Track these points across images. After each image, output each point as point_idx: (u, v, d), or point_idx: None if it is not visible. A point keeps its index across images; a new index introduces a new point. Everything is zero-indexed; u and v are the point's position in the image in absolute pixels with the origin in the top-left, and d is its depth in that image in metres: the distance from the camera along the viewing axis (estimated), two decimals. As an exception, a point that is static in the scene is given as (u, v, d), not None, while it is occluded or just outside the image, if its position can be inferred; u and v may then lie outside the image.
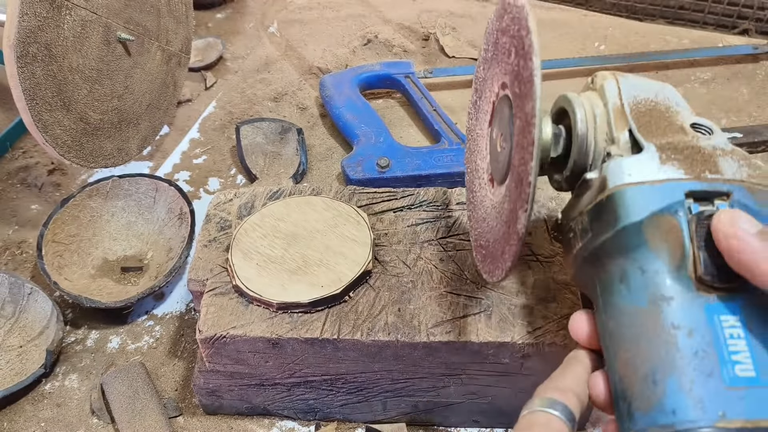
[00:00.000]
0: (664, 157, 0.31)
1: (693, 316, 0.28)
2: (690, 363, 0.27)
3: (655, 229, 0.30)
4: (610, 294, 0.31)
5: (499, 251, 0.35)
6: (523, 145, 0.31)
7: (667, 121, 0.34)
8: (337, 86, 0.78)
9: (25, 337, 0.56)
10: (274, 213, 0.50)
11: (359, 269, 0.45)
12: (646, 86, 0.35)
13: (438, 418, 0.51)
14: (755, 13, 0.93)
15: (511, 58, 0.35)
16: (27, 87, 0.51)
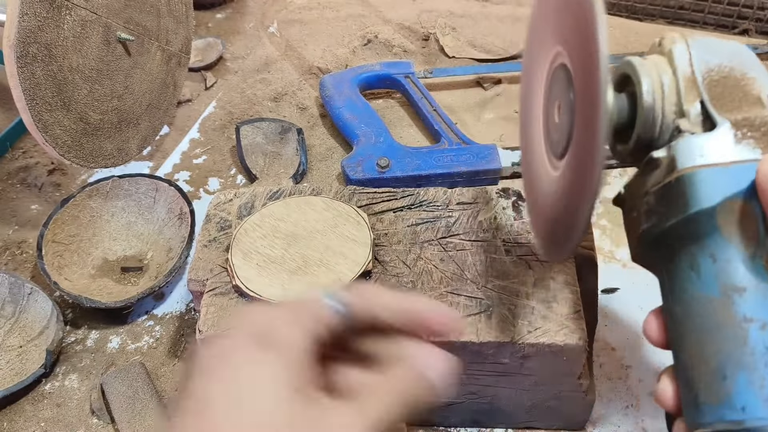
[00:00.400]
0: (739, 135, 0.29)
1: (767, 308, 0.27)
2: (762, 359, 0.26)
3: (728, 215, 0.28)
4: (679, 280, 0.30)
5: (560, 230, 0.33)
6: (588, 119, 0.29)
7: (743, 91, 0.31)
8: (337, 86, 0.78)
9: (25, 337, 0.56)
10: (274, 213, 0.50)
11: (359, 269, 0.45)
12: (718, 49, 0.32)
13: (438, 418, 0.51)
14: (755, 13, 0.93)
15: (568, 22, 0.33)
16: (27, 87, 0.51)
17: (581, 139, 0.31)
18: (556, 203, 0.35)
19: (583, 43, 0.30)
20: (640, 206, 0.32)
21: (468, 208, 0.50)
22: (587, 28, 0.29)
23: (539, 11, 0.39)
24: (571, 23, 0.32)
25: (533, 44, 0.40)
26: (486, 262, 0.46)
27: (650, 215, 0.31)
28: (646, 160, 0.31)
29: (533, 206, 0.41)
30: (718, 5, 0.95)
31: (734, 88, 0.31)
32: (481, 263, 0.46)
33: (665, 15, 0.99)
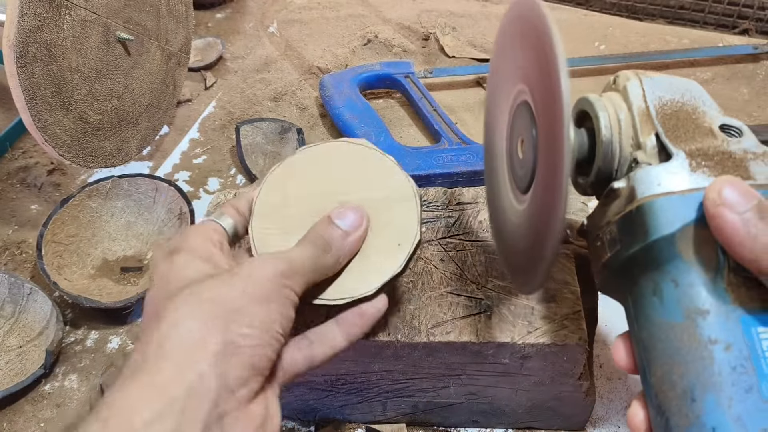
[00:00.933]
0: (694, 164, 0.30)
1: (730, 329, 0.27)
2: (728, 379, 0.26)
3: (688, 240, 0.28)
4: (643, 306, 0.30)
5: (529, 262, 0.34)
6: (551, 155, 0.30)
7: (695, 124, 0.32)
8: (337, 86, 0.78)
9: (25, 337, 0.56)
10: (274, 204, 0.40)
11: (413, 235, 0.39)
12: (670, 85, 0.34)
13: (438, 419, 0.51)
14: (755, 12, 0.93)
15: (529, 61, 0.34)
16: (26, 87, 0.51)
17: (546, 174, 0.32)
18: (522, 236, 0.36)
19: (544, 81, 0.31)
20: (603, 236, 0.33)
21: (468, 208, 0.50)
22: (548, 67, 0.30)
23: (501, 49, 0.40)
24: (532, 61, 0.33)
25: (496, 81, 0.41)
26: (486, 263, 0.46)
27: (613, 244, 0.32)
28: (607, 191, 0.33)
29: (499, 239, 0.41)
30: (719, 5, 0.95)
31: (687, 120, 0.32)
32: (481, 263, 0.46)
33: (665, 15, 0.99)
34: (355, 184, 0.41)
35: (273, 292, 0.32)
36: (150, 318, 0.32)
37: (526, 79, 0.35)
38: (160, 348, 0.29)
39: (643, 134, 0.32)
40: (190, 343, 0.29)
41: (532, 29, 0.33)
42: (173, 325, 0.30)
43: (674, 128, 0.32)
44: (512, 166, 0.38)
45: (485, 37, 0.92)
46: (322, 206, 0.39)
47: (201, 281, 0.32)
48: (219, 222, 0.38)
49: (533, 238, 0.34)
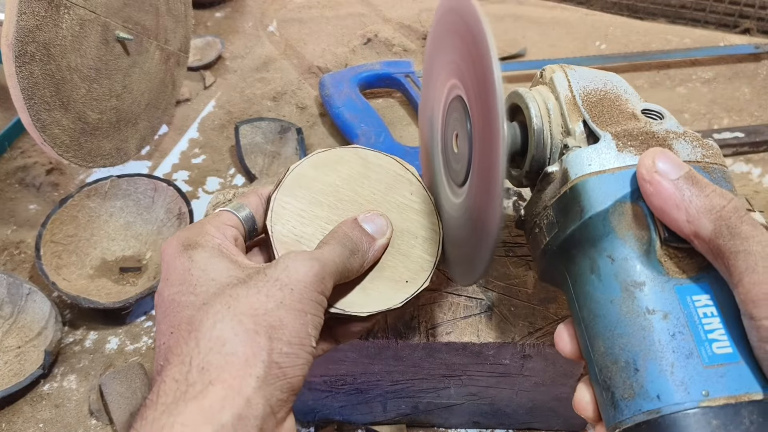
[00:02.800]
0: (620, 144, 0.31)
1: (666, 299, 0.28)
2: (668, 346, 0.27)
3: (620, 216, 0.30)
4: (582, 285, 0.31)
5: (469, 254, 0.35)
6: (487, 148, 0.31)
7: (618, 110, 0.34)
8: (337, 85, 0.77)
9: (24, 337, 0.56)
10: (306, 183, 0.39)
11: (436, 249, 0.39)
12: (593, 77, 0.36)
13: (438, 420, 0.50)
14: (757, 12, 0.93)
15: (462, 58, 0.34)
16: (25, 86, 0.51)
17: (482, 166, 0.32)
18: (460, 227, 0.36)
19: (477, 76, 0.32)
20: (540, 221, 0.34)
21: (468, 208, 0.50)
22: (481, 61, 0.31)
23: (433, 43, 0.40)
24: (464, 56, 0.34)
25: (429, 76, 0.42)
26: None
27: (551, 227, 0.33)
28: (542, 175, 0.34)
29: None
30: (720, 4, 0.95)
31: (611, 107, 0.34)
32: (481, 264, 0.46)
33: (667, 14, 0.99)
34: (385, 205, 0.40)
35: (309, 300, 0.31)
36: (180, 327, 0.30)
37: (458, 73, 0.35)
38: (205, 371, 0.28)
39: (572, 121, 0.34)
40: (235, 366, 0.28)
41: (462, 23, 0.33)
42: (216, 345, 0.28)
43: (600, 114, 0.34)
44: (447, 160, 0.39)
45: (485, 37, 0.92)
46: (349, 214, 0.38)
47: (234, 287, 0.30)
48: (236, 214, 0.36)
49: (472, 229, 0.34)
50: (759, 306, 0.25)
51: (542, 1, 1.01)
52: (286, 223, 0.37)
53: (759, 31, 0.94)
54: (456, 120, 0.37)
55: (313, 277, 0.31)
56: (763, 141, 0.74)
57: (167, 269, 0.32)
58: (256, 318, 0.29)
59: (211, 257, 0.32)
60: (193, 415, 0.27)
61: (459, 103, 0.36)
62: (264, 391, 0.28)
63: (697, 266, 0.29)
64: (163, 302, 0.32)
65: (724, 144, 0.72)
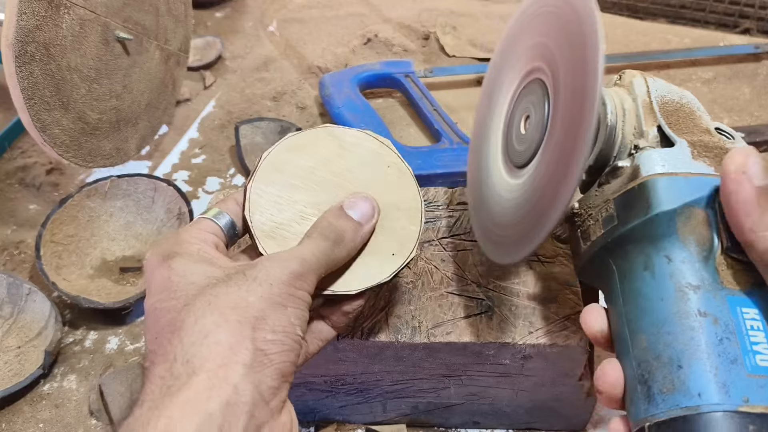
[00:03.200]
0: (695, 152, 0.32)
1: (718, 305, 0.29)
2: (715, 349, 0.28)
3: (686, 219, 0.30)
4: (633, 281, 0.32)
5: (519, 234, 0.35)
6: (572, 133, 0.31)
7: (693, 123, 0.35)
8: (337, 85, 0.77)
9: (24, 337, 0.56)
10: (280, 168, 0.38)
11: (419, 219, 0.39)
12: (671, 89, 0.37)
13: (438, 420, 0.50)
14: (757, 12, 0.93)
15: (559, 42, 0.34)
16: (25, 86, 0.51)
17: (556, 153, 0.33)
18: (514, 208, 0.36)
19: (575, 63, 0.32)
20: (598, 214, 0.34)
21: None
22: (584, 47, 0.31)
23: (522, 24, 0.40)
24: (564, 45, 0.34)
25: (508, 54, 0.42)
26: (487, 263, 0.46)
27: (609, 221, 0.33)
28: (610, 168, 0.35)
29: (481, 211, 0.41)
30: (720, 4, 0.95)
31: (686, 118, 0.35)
32: (481, 264, 0.46)
33: (667, 14, 0.99)
34: (364, 183, 0.39)
35: (288, 296, 0.31)
36: (163, 331, 0.30)
37: (547, 57, 0.36)
38: (189, 363, 0.28)
39: (646, 124, 0.34)
40: (220, 355, 0.28)
41: (570, 9, 0.33)
42: (199, 338, 0.28)
43: (675, 122, 0.34)
44: (509, 140, 0.39)
45: (486, 36, 0.92)
46: (327, 195, 0.38)
47: (214, 286, 0.30)
48: (215, 221, 0.36)
49: (530, 212, 0.34)
50: None
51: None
52: (264, 211, 0.37)
53: (759, 31, 0.94)
54: (531, 102, 0.37)
55: (290, 274, 0.31)
56: (763, 141, 0.73)
57: (149, 281, 0.33)
58: (238, 310, 0.29)
59: (190, 263, 0.32)
60: (180, 407, 0.26)
61: (538, 87, 0.36)
62: (251, 378, 0.28)
63: (750, 281, 0.30)
64: (147, 313, 0.32)
65: (724, 144, 0.72)
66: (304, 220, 0.37)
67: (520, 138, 0.38)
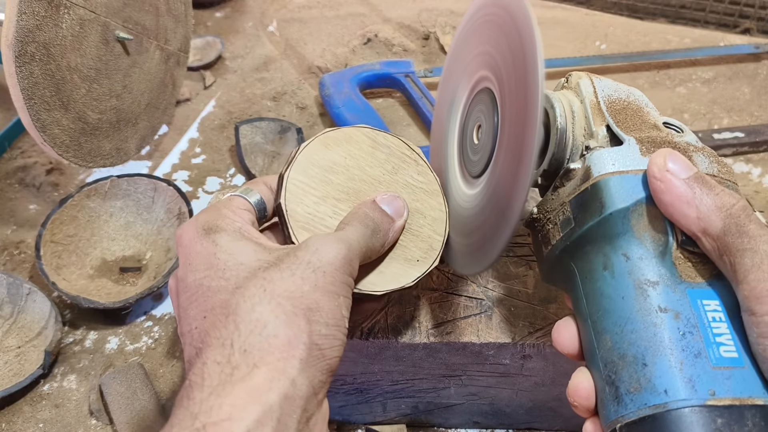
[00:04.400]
0: (644, 149, 0.32)
1: (678, 299, 0.29)
2: (678, 344, 0.28)
3: (639, 216, 0.30)
4: (593, 281, 0.32)
5: (479, 244, 0.35)
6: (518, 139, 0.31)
7: (641, 119, 0.35)
8: (337, 85, 0.77)
9: (24, 337, 0.56)
10: (317, 162, 0.39)
11: (443, 228, 0.39)
12: (617, 87, 0.37)
13: (438, 420, 0.50)
14: (757, 12, 0.93)
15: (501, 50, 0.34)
16: (25, 86, 0.51)
17: (509, 159, 0.33)
18: (472, 218, 0.37)
19: (517, 71, 0.32)
20: (555, 218, 0.35)
21: (468, 208, 0.50)
22: (524, 54, 0.31)
23: (467, 33, 0.40)
24: (505, 52, 0.34)
25: (456, 64, 0.42)
26: (486, 263, 0.46)
27: (567, 223, 0.33)
28: (563, 171, 0.35)
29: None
30: (720, 4, 0.95)
31: (634, 115, 0.35)
32: (481, 264, 0.46)
33: (667, 14, 0.99)
34: (394, 186, 0.40)
35: (341, 283, 0.31)
36: (215, 311, 0.30)
37: (491, 65, 0.36)
38: (248, 354, 0.28)
39: (595, 124, 0.35)
40: (278, 348, 0.28)
41: (507, 16, 0.34)
42: (257, 327, 0.28)
43: (623, 120, 0.35)
44: (464, 151, 0.39)
45: (485, 37, 0.92)
46: (358, 195, 0.38)
47: (265, 270, 0.30)
48: (246, 198, 0.36)
49: (487, 219, 0.34)
50: (762, 302, 0.26)
51: (542, 1, 1.01)
52: (299, 201, 0.37)
53: (759, 31, 0.94)
54: (481, 112, 0.37)
55: (342, 259, 0.31)
56: (763, 141, 0.73)
57: (188, 254, 0.32)
58: (293, 300, 0.29)
59: (235, 240, 0.32)
60: (242, 396, 0.27)
61: (487, 96, 0.36)
62: (307, 372, 0.28)
63: (708, 273, 0.30)
64: (188, 288, 0.31)
65: (724, 144, 0.72)
66: (336, 215, 0.37)
67: (473, 148, 0.38)
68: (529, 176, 0.30)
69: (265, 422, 0.26)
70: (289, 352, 0.28)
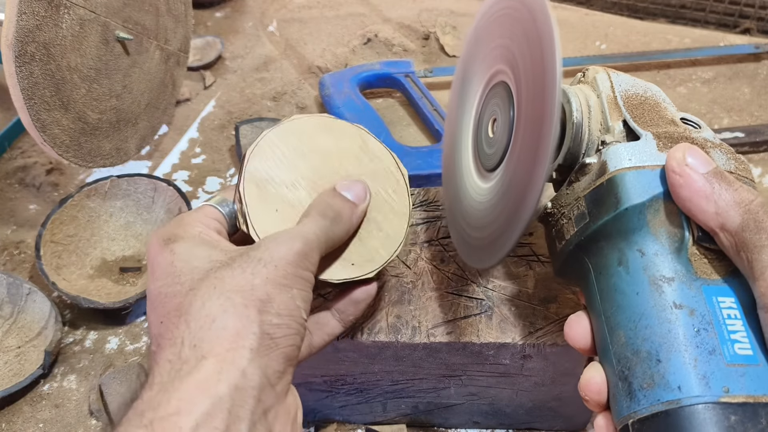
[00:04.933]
0: (661, 144, 0.32)
1: (693, 296, 0.29)
2: (693, 341, 0.28)
3: (656, 212, 0.30)
4: (608, 277, 0.32)
5: (492, 238, 0.35)
6: (534, 133, 0.31)
7: (658, 114, 0.35)
8: (337, 85, 0.77)
9: (24, 337, 0.56)
10: (301, 136, 0.38)
11: (394, 250, 0.38)
12: (635, 82, 0.36)
13: (438, 420, 0.50)
14: (757, 12, 0.93)
15: (518, 43, 0.34)
16: (25, 86, 0.51)
17: (525, 153, 0.33)
18: (486, 212, 0.36)
19: (534, 65, 0.32)
20: (570, 212, 0.34)
21: (468, 208, 0.50)
22: (542, 48, 0.31)
23: (483, 27, 0.40)
24: (519, 42, 0.34)
25: (472, 58, 0.42)
26: (486, 263, 0.46)
27: (581, 218, 0.33)
28: (578, 166, 0.34)
29: (455, 216, 0.41)
30: (720, 4, 0.95)
31: (651, 111, 0.35)
32: (481, 263, 0.46)
33: (667, 14, 0.99)
34: (355, 174, 0.39)
35: (294, 276, 0.31)
36: (169, 315, 0.30)
37: (508, 59, 0.36)
38: (197, 348, 0.28)
39: (612, 119, 0.34)
40: (227, 340, 0.28)
41: (525, 10, 0.33)
42: (206, 322, 0.28)
43: (640, 115, 0.34)
44: (479, 144, 0.39)
45: (485, 37, 0.92)
46: (325, 180, 0.38)
47: (217, 270, 0.30)
48: (217, 207, 0.36)
49: (501, 213, 0.34)
50: None
51: None
52: (264, 159, 0.37)
53: (759, 31, 0.94)
54: (496, 105, 0.37)
55: (295, 254, 0.31)
56: (763, 141, 0.73)
57: (151, 266, 0.33)
58: (243, 294, 0.29)
59: (192, 247, 0.32)
60: (190, 390, 0.27)
61: (502, 89, 0.36)
62: (258, 362, 0.28)
63: (724, 269, 0.29)
64: (150, 298, 0.32)
65: (724, 144, 0.72)
66: (294, 187, 0.37)
67: (488, 141, 0.38)
68: (544, 172, 0.30)
69: (215, 414, 0.26)
70: (238, 343, 0.28)
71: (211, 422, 0.26)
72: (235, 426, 0.26)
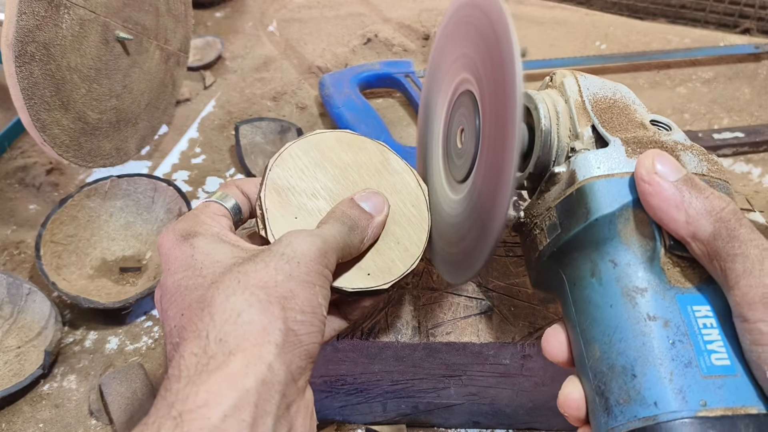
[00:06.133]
0: (630, 150, 0.31)
1: (667, 306, 0.28)
2: (668, 354, 0.27)
3: (626, 221, 0.30)
4: (581, 288, 0.31)
5: (465, 252, 0.35)
6: (499, 143, 0.31)
7: (627, 118, 0.34)
8: (337, 85, 0.77)
9: (24, 337, 0.56)
10: (323, 150, 0.39)
11: (411, 263, 0.38)
12: (603, 85, 0.36)
13: (438, 420, 0.50)
14: (757, 12, 0.93)
15: (480, 51, 0.34)
16: (25, 86, 0.51)
17: (491, 164, 0.32)
18: (457, 225, 0.36)
19: (495, 71, 0.32)
20: (542, 223, 0.34)
21: (468, 208, 0.50)
22: (501, 56, 0.31)
23: (445, 36, 0.40)
24: (480, 50, 0.34)
25: (435, 71, 0.42)
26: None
27: (553, 229, 0.32)
28: (548, 175, 0.34)
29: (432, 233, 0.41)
30: (720, 4, 0.95)
31: (620, 114, 0.34)
32: (481, 264, 0.46)
33: (667, 14, 0.99)
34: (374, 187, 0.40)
35: (316, 273, 0.31)
36: (191, 307, 0.30)
37: (471, 68, 0.35)
38: (223, 342, 0.28)
39: (580, 125, 0.34)
40: (253, 335, 0.28)
41: (483, 17, 0.33)
42: (232, 316, 0.28)
43: (609, 120, 0.33)
44: (449, 155, 0.39)
45: (485, 37, 0.92)
46: (345, 193, 0.39)
47: (241, 264, 0.30)
48: (222, 203, 0.36)
49: (472, 226, 0.34)
50: (754, 309, 0.25)
51: (542, 1, 1.01)
52: (286, 169, 0.38)
53: (759, 31, 0.94)
54: (463, 115, 0.37)
55: (317, 251, 0.32)
56: (763, 141, 0.73)
57: (168, 260, 0.33)
58: (267, 290, 0.29)
59: (212, 243, 0.33)
60: (218, 383, 0.27)
61: (468, 98, 0.36)
62: (283, 358, 0.28)
63: (698, 277, 0.29)
64: (167, 291, 0.32)
65: (724, 144, 0.72)
66: (314, 197, 0.38)
67: (457, 152, 0.37)
68: (511, 181, 0.29)
69: (243, 407, 0.26)
70: (264, 338, 0.28)
71: (239, 415, 0.26)
72: (262, 419, 0.27)
